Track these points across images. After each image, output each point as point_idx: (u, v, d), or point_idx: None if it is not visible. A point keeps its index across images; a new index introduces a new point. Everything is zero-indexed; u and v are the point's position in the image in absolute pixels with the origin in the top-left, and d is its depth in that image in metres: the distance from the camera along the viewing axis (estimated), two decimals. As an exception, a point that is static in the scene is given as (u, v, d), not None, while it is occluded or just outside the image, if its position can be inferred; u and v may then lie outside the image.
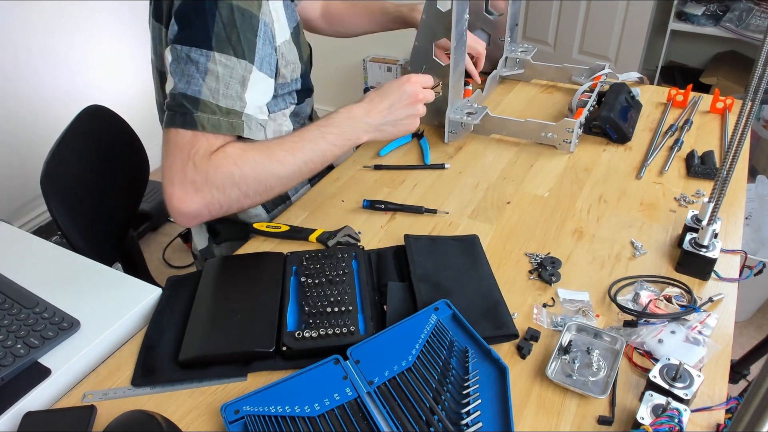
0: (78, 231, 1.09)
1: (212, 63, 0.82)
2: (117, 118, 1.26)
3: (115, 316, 0.80)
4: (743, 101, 0.79)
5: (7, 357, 0.73)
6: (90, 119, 1.18)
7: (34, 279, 0.86)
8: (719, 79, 2.58)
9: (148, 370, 0.74)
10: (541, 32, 2.82)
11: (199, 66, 0.82)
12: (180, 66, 0.83)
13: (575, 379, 0.70)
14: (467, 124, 1.22)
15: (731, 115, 1.31)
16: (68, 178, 1.12)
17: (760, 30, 2.41)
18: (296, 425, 0.64)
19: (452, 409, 0.65)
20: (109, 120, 1.24)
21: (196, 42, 0.82)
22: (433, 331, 0.73)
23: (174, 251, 2.35)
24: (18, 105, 2.22)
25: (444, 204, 1.05)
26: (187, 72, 0.82)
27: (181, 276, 0.89)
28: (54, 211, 1.06)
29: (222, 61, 0.82)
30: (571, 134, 1.16)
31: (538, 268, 0.88)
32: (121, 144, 1.27)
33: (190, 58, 0.82)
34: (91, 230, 1.15)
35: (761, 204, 1.91)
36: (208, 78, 0.82)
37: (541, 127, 1.19)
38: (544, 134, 1.20)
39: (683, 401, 0.64)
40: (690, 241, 0.87)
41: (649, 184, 1.09)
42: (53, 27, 2.28)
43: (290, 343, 0.74)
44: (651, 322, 0.76)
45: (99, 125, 1.22)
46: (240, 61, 0.84)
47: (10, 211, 2.29)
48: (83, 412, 0.68)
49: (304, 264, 0.87)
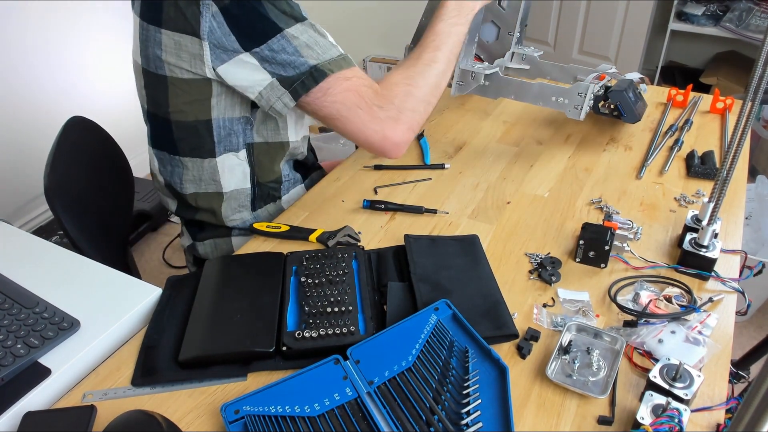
0: (88, 240, 1.09)
1: (294, 39, 0.85)
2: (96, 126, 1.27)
3: (115, 316, 0.80)
4: (743, 101, 0.79)
5: (7, 357, 0.73)
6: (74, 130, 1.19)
7: (34, 279, 0.86)
8: (719, 79, 2.58)
9: (148, 370, 0.74)
10: (541, 32, 2.82)
11: (287, 49, 0.85)
12: (271, 63, 0.86)
13: (575, 379, 0.70)
14: (477, 74, 1.17)
15: (731, 115, 1.31)
16: (71, 188, 1.12)
17: (760, 30, 2.41)
18: (296, 425, 0.64)
19: (452, 409, 0.65)
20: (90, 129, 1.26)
21: (267, 34, 0.84)
22: (433, 331, 0.73)
23: (174, 251, 2.35)
24: (17, 105, 2.22)
25: (444, 204, 1.05)
26: (283, 61, 0.86)
27: (181, 276, 0.89)
28: (63, 222, 1.06)
29: (297, 33, 0.86)
30: (583, 99, 1.12)
31: (538, 268, 0.88)
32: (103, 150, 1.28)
33: (274, 50, 0.85)
34: (100, 238, 1.16)
35: (761, 204, 1.91)
36: (303, 51, 0.86)
37: (552, 90, 1.14)
38: (555, 99, 1.14)
39: (683, 401, 0.64)
40: (690, 241, 0.87)
41: (649, 184, 1.09)
42: (50, 25, 2.27)
43: (290, 343, 0.74)
44: (651, 322, 0.76)
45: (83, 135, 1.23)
46: (305, 23, 0.87)
47: (10, 211, 2.29)
48: (83, 412, 0.68)
49: (304, 264, 0.87)
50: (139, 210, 2.35)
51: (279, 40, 0.85)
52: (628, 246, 0.90)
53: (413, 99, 0.93)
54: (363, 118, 0.90)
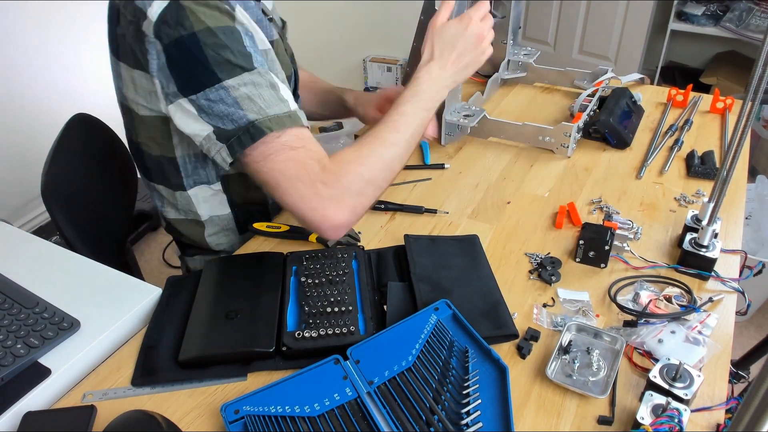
0: (83, 240, 1.09)
1: (233, 90, 0.78)
2: (101, 124, 1.26)
3: (115, 316, 0.80)
4: (743, 101, 0.79)
5: (7, 357, 0.73)
6: (77, 127, 1.18)
7: (34, 279, 0.86)
8: (719, 79, 2.58)
9: (148, 370, 0.74)
10: (541, 32, 2.82)
11: (225, 100, 0.78)
12: (209, 114, 0.79)
13: (575, 379, 0.70)
14: (464, 126, 1.21)
15: (731, 115, 1.31)
16: (68, 188, 1.12)
17: (760, 30, 2.41)
18: (296, 425, 0.64)
19: (452, 409, 0.65)
20: (95, 127, 1.25)
21: (204, 83, 0.78)
22: (433, 331, 0.73)
23: (174, 251, 2.35)
24: (17, 105, 2.22)
25: (444, 204, 1.05)
26: (220, 113, 0.79)
27: (181, 276, 0.90)
28: (59, 222, 1.06)
29: (238, 83, 0.79)
30: (568, 138, 1.16)
31: (538, 268, 0.88)
32: (108, 149, 1.28)
33: (212, 100, 0.78)
34: (96, 238, 1.15)
35: (761, 204, 1.91)
36: (243, 103, 0.79)
37: (538, 131, 1.18)
38: (542, 138, 1.19)
39: (683, 401, 0.64)
40: (690, 241, 0.87)
41: (649, 184, 1.09)
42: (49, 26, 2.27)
43: (290, 343, 0.74)
44: (651, 322, 0.76)
45: (87, 132, 1.22)
46: (252, 72, 0.80)
47: (10, 211, 2.29)
48: (83, 412, 0.68)
49: (304, 264, 0.87)
50: (139, 210, 2.35)
51: (217, 90, 0.78)
52: (628, 246, 0.90)
53: (362, 181, 0.84)
54: (302, 193, 0.80)
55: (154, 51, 0.79)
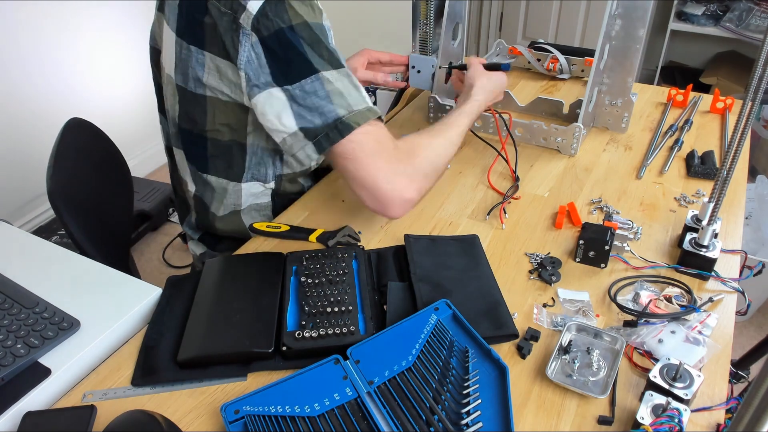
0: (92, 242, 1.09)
1: (327, 84, 0.83)
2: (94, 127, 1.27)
3: (115, 316, 0.80)
4: (743, 101, 0.79)
5: (7, 357, 0.73)
6: (73, 131, 1.19)
7: (34, 279, 0.86)
8: (719, 79, 2.58)
9: (148, 370, 0.74)
10: (541, 32, 2.82)
11: (319, 93, 0.82)
12: (300, 104, 0.83)
13: (575, 379, 0.71)
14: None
15: (731, 115, 1.31)
16: (73, 190, 1.12)
17: (760, 30, 2.41)
18: (296, 425, 0.64)
19: (452, 409, 0.65)
20: (88, 130, 1.26)
21: (302, 74, 0.82)
22: (433, 331, 0.73)
23: (174, 251, 2.35)
24: (17, 105, 2.22)
25: (444, 204, 1.05)
26: (312, 105, 0.83)
27: (181, 276, 0.89)
28: (68, 225, 1.06)
29: (332, 78, 0.83)
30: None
31: (538, 268, 0.88)
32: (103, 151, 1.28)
33: (306, 91, 0.82)
34: (104, 239, 1.16)
35: (761, 204, 1.91)
36: (334, 98, 0.83)
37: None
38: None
39: (683, 401, 0.64)
40: (690, 241, 0.87)
41: (649, 184, 1.09)
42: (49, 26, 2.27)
43: (290, 343, 0.74)
44: (651, 322, 0.76)
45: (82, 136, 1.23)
46: (340, 70, 0.84)
47: (10, 211, 2.29)
48: (83, 412, 0.68)
49: (304, 264, 0.87)
50: (139, 210, 2.35)
51: (313, 82, 0.82)
52: (628, 246, 0.90)
53: (430, 165, 0.91)
54: (379, 165, 0.85)
55: (248, 43, 0.81)
